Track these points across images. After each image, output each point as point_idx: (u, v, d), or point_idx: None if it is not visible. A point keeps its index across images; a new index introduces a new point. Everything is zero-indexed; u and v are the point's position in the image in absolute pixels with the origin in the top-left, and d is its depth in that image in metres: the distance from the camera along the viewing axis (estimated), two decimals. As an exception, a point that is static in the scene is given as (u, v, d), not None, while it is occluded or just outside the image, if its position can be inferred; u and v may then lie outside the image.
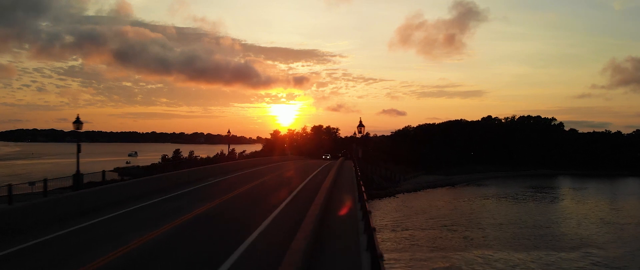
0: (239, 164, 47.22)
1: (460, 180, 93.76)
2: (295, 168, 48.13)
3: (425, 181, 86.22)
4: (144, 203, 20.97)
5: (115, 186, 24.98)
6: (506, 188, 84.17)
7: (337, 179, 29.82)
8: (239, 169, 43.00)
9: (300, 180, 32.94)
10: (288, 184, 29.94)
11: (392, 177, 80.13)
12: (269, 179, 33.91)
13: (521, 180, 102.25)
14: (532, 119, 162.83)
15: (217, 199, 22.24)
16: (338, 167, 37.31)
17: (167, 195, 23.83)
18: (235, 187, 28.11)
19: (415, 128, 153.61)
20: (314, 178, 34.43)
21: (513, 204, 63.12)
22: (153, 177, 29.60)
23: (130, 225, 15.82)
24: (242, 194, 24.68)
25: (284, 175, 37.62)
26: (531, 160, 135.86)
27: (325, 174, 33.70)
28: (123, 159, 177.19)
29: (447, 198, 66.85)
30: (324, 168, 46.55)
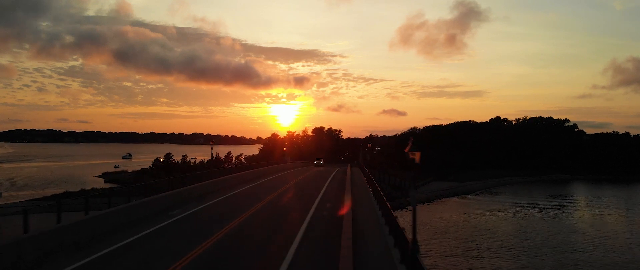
0: (226, 181, 39.62)
1: (474, 187, 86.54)
2: (296, 184, 41.19)
3: (438, 189, 78.99)
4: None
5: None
6: (525, 197, 76.95)
7: (356, 212, 22.13)
8: (229, 187, 35.93)
9: (303, 211, 25.14)
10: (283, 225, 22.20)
11: (401, 185, 72.90)
12: (258, 210, 26.37)
13: (538, 187, 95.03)
14: (544, 120, 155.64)
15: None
16: (350, 186, 29.30)
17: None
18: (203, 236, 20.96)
19: (421, 130, 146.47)
20: (322, 204, 26.86)
21: (540, 218, 55.83)
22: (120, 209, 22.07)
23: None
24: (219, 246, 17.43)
25: (279, 203, 29.60)
26: (544, 164, 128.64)
27: (338, 196, 26.31)
28: (117, 162, 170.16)
29: (465, 210, 59.59)
30: (331, 184, 39.42)
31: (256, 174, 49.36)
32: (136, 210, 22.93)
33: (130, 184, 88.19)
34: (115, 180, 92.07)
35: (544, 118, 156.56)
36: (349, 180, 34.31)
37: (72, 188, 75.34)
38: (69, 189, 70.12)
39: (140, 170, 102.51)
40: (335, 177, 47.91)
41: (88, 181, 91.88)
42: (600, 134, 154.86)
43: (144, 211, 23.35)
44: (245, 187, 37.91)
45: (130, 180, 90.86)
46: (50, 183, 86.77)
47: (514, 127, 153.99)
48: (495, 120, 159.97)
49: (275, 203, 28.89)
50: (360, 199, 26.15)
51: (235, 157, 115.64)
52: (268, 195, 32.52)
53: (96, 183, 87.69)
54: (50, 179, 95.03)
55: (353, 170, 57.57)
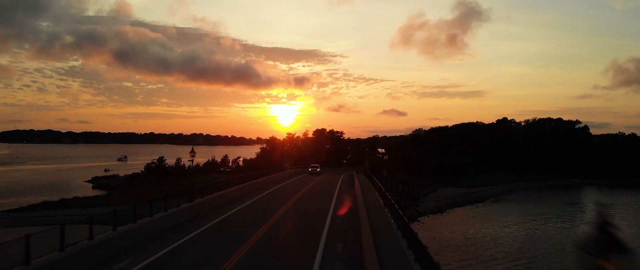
0: (203, 205, 31.40)
1: (486, 194, 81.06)
2: (295, 205, 33.98)
3: (448, 196, 73.52)
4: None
5: None
6: (542, 205, 71.52)
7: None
8: (204, 215, 29.06)
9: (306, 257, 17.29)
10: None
11: (409, 193, 67.50)
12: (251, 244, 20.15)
13: (552, 194, 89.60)
14: (553, 121, 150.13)
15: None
16: (365, 212, 22.60)
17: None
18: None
19: (427, 131, 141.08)
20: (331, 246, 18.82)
21: (566, 231, 50.34)
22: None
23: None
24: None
25: (278, 235, 22.64)
26: (554, 168, 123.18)
27: (350, 230, 20.16)
28: (111, 165, 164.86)
29: (482, 222, 54.08)
30: (338, 204, 32.47)
31: (246, 190, 40.64)
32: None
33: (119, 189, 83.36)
34: (104, 186, 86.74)
35: (553, 119, 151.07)
36: (361, 203, 26.84)
37: (55, 195, 70.07)
38: (51, 198, 64.81)
39: (132, 175, 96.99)
40: (341, 195, 37.85)
41: (75, 187, 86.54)
42: (609, 135, 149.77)
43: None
44: (226, 214, 29.80)
45: (119, 186, 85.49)
46: (34, 189, 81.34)
47: (521, 128, 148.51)
48: (502, 122, 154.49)
49: (265, 246, 19.86)
50: (381, 241, 17.75)
51: (232, 160, 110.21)
52: (252, 234, 22.87)
53: (83, 190, 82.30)
54: (36, 185, 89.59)
55: (359, 178, 51.84)
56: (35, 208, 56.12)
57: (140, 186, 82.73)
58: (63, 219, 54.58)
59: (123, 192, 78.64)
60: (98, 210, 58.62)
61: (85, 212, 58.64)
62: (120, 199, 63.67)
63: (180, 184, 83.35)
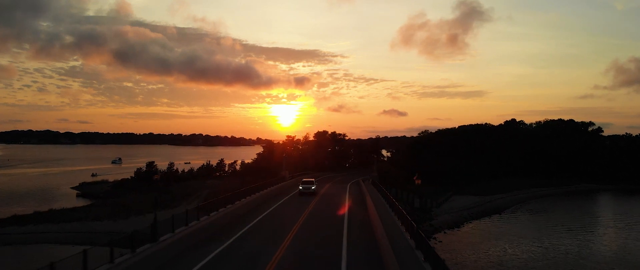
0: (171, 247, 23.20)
1: (503, 203, 74.82)
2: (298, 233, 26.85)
3: (462, 206, 67.29)
4: None
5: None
6: (565, 216, 65.39)
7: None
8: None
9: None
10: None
11: (422, 204, 61.23)
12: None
13: (571, 202, 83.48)
14: (564, 122, 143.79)
15: None
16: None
17: None
18: None
19: (432, 134, 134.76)
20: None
21: (603, 250, 44.08)
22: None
23: None
24: None
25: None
26: (567, 172, 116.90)
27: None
28: (104, 168, 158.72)
29: (506, 239, 47.85)
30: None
31: (232, 216, 31.43)
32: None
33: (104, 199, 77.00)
34: (89, 194, 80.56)
35: (564, 121, 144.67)
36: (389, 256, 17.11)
37: (32, 206, 64.02)
38: (25, 210, 58.81)
39: (121, 181, 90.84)
40: (353, 231, 27.18)
41: (58, 195, 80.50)
42: (620, 136, 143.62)
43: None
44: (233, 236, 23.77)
45: (106, 193, 79.37)
46: (13, 198, 75.16)
47: (531, 130, 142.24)
48: (510, 123, 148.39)
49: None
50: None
51: (229, 164, 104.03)
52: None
53: (65, 198, 76.31)
54: (17, 192, 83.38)
55: (368, 189, 45.24)
56: (3, 223, 50.11)
57: (127, 194, 76.68)
58: (26, 237, 48.79)
59: (109, 200, 72.55)
60: (73, 226, 52.74)
61: (57, 229, 52.78)
62: (99, 213, 57.69)
63: (170, 192, 77.38)
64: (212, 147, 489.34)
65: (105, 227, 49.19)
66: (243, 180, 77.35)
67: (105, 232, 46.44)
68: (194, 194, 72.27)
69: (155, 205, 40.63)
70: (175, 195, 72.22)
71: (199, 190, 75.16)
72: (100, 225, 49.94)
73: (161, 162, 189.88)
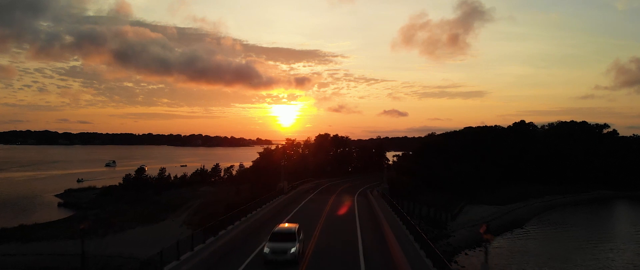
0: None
1: (521, 214, 68.64)
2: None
3: (479, 219, 61.12)
4: None
5: None
6: (593, 230, 59.38)
7: None
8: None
9: None
10: None
11: (435, 217, 55.14)
12: None
13: (595, 211, 77.56)
14: (576, 124, 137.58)
15: None
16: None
17: None
18: None
19: (439, 136, 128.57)
20: None
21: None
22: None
23: None
24: None
25: None
26: (582, 178, 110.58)
27: None
28: (97, 171, 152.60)
29: (538, 261, 41.73)
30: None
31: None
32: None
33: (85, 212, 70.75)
34: (72, 203, 74.39)
35: (576, 122, 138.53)
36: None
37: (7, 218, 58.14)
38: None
39: (109, 187, 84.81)
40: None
41: (39, 205, 74.49)
42: (632, 137, 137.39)
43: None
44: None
45: (90, 203, 73.27)
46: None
47: (542, 132, 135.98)
48: (519, 125, 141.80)
49: None
50: None
51: (224, 169, 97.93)
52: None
53: (46, 208, 70.44)
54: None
55: (382, 210, 37.11)
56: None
57: (112, 204, 70.58)
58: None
59: (91, 211, 66.52)
60: (42, 246, 46.51)
61: (24, 250, 46.44)
62: (75, 228, 51.54)
63: (158, 203, 71.28)
64: (211, 148, 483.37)
65: (78, 248, 43.12)
66: (238, 188, 71.39)
67: (75, 254, 40.34)
68: (184, 204, 66.25)
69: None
70: (163, 205, 66.20)
71: (190, 200, 69.13)
72: (73, 244, 43.83)
73: (157, 164, 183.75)
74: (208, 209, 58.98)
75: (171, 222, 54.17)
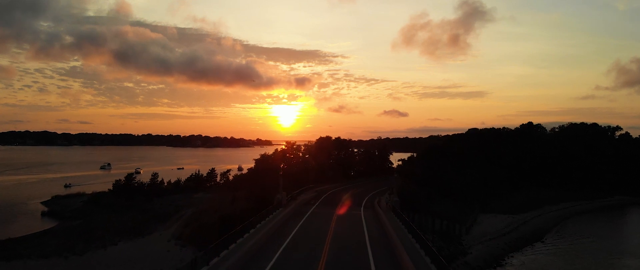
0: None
1: (538, 224, 63.90)
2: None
3: (495, 230, 56.40)
4: None
5: None
6: (618, 241, 54.75)
7: None
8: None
9: None
10: None
11: (448, 230, 50.34)
12: None
13: (614, 220, 72.91)
14: (587, 126, 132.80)
15: None
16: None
17: None
18: None
19: (445, 139, 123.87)
20: None
21: None
22: None
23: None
24: None
25: None
26: (596, 182, 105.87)
27: None
28: (91, 174, 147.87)
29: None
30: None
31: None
32: None
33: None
34: (57, 212, 69.59)
35: (587, 124, 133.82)
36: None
37: None
38: None
39: (98, 194, 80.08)
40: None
41: (23, 213, 69.75)
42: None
43: None
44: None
45: (76, 212, 68.46)
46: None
47: (553, 135, 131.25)
48: (527, 127, 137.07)
49: None
50: None
51: (221, 174, 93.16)
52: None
53: (30, 218, 65.80)
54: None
55: (394, 231, 30.59)
56: None
57: (99, 213, 65.83)
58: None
59: (75, 222, 61.71)
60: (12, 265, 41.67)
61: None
62: (51, 244, 46.76)
63: (148, 211, 66.58)
64: (210, 149, 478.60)
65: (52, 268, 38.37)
66: (234, 196, 66.58)
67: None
68: (176, 214, 61.54)
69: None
70: (153, 215, 61.47)
71: (183, 209, 64.42)
72: (46, 264, 39.08)
73: (154, 167, 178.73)
74: (201, 220, 54.37)
75: (159, 235, 49.45)
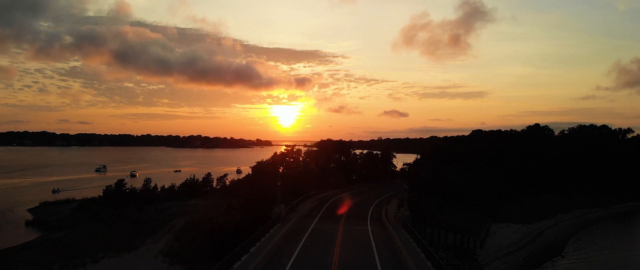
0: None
1: (554, 235, 59.89)
2: None
3: (510, 243, 52.43)
4: None
5: None
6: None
7: None
8: None
9: None
10: None
11: (461, 244, 46.35)
12: None
13: (633, 228, 68.88)
14: (596, 128, 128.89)
15: None
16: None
17: None
18: None
19: (449, 141, 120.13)
20: None
21: None
22: None
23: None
24: None
25: None
26: (607, 187, 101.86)
27: None
28: (85, 177, 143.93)
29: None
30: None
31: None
32: None
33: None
34: (42, 222, 65.50)
35: (596, 126, 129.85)
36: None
37: None
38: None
39: (89, 200, 76.16)
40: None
41: (7, 222, 65.82)
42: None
43: None
44: None
45: (62, 221, 64.50)
46: None
47: (562, 137, 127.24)
48: (534, 129, 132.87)
49: None
50: None
51: (217, 179, 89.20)
52: None
53: (14, 227, 61.94)
54: None
55: (409, 257, 25.47)
56: None
57: (86, 223, 61.88)
58: None
59: (58, 233, 57.75)
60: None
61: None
62: (24, 260, 42.82)
63: (138, 222, 62.57)
64: (210, 150, 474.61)
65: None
66: (230, 204, 62.62)
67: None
68: (167, 224, 57.53)
69: None
70: (143, 225, 57.48)
71: (175, 218, 60.40)
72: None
73: (150, 169, 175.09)
74: (193, 232, 50.45)
75: (147, 249, 45.47)
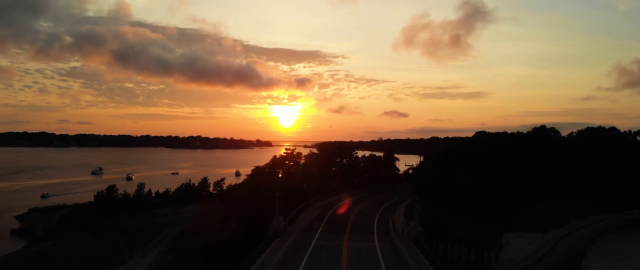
0: None
1: (570, 244, 56.36)
2: None
3: (527, 255, 48.95)
4: None
5: None
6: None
7: None
8: None
9: None
10: None
11: (475, 260, 42.84)
12: None
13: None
14: (605, 130, 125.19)
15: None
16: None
17: None
18: None
19: (454, 144, 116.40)
20: None
21: None
22: None
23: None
24: None
25: None
26: (619, 191, 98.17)
27: None
28: (80, 181, 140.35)
29: None
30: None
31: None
32: None
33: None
34: (28, 231, 61.94)
35: (604, 128, 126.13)
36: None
37: None
38: None
39: (77, 207, 72.64)
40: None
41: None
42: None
43: None
44: None
45: (49, 230, 61.00)
46: None
47: (569, 140, 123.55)
48: (539, 131, 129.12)
49: None
50: None
51: (214, 183, 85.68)
52: None
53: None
54: None
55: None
56: None
57: (72, 232, 58.43)
58: None
59: (42, 244, 54.21)
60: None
61: None
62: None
63: (129, 231, 59.15)
64: (210, 150, 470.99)
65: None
66: (226, 213, 59.17)
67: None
68: (159, 234, 54.10)
69: None
70: (133, 234, 54.04)
71: (168, 227, 56.98)
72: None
73: (148, 171, 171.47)
74: (186, 243, 47.02)
75: (134, 264, 41.96)
